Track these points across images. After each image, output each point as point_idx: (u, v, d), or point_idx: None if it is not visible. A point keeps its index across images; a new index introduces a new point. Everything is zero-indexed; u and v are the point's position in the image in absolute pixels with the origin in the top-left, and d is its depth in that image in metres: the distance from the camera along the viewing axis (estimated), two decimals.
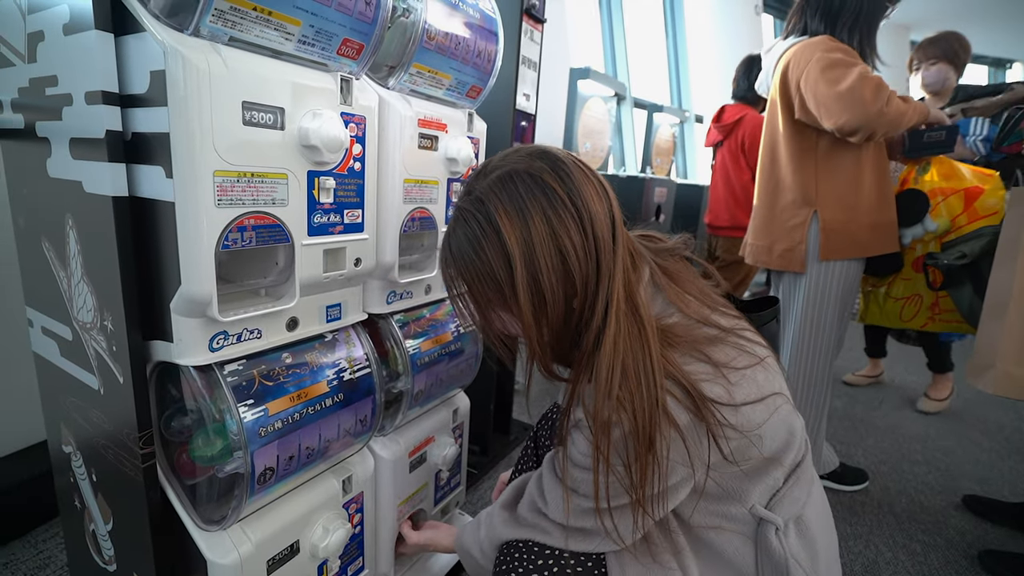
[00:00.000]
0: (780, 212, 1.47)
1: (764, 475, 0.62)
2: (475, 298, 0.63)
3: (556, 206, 0.57)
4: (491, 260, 0.58)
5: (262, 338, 0.69)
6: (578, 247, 0.57)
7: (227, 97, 0.55)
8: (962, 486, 1.70)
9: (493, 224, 0.57)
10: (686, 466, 0.57)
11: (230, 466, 0.64)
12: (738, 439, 0.58)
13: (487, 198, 0.58)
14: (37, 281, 0.75)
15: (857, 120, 1.26)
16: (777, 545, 0.60)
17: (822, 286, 1.45)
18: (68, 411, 0.77)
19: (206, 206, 0.56)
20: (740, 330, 0.63)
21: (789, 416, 0.63)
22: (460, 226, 0.61)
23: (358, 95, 0.71)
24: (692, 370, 0.57)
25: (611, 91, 2.79)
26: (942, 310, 1.53)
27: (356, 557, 0.90)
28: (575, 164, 0.60)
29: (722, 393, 0.57)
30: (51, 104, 0.62)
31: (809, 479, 0.66)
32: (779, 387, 0.63)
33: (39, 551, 1.16)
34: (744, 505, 0.62)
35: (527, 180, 0.58)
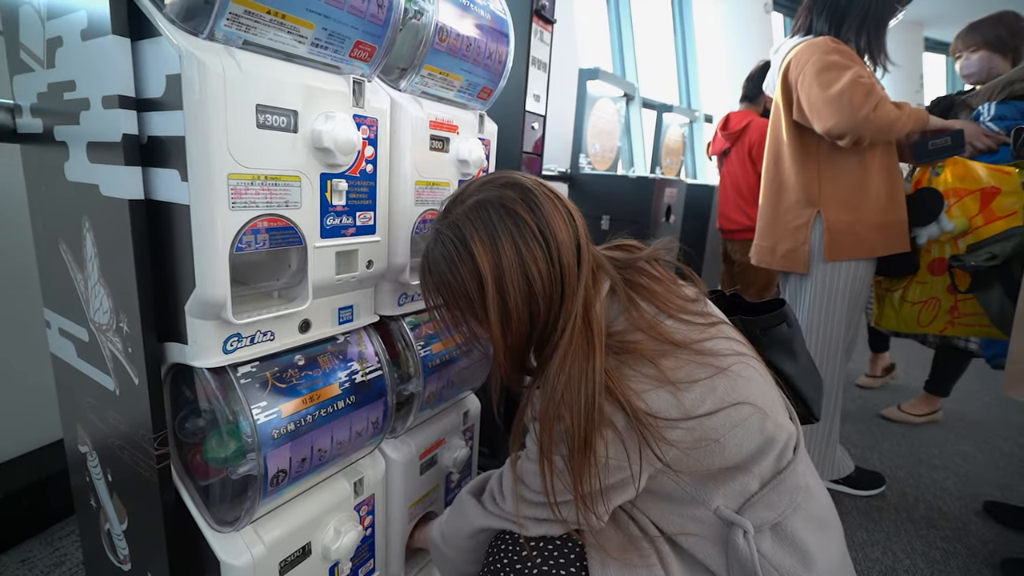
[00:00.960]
0: (784, 213, 1.47)
1: (728, 480, 0.64)
2: (449, 311, 0.70)
3: (525, 235, 0.62)
4: (465, 280, 0.64)
5: (275, 340, 0.69)
6: (544, 274, 0.62)
7: (241, 100, 0.56)
8: (983, 492, 1.66)
9: (468, 248, 0.63)
10: (625, 469, 0.61)
11: (243, 468, 0.65)
12: (689, 446, 0.61)
13: (463, 223, 0.64)
14: (55, 283, 0.76)
15: (844, 125, 1.26)
16: (744, 547, 0.61)
17: (828, 287, 1.43)
18: (84, 411, 0.78)
19: (221, 209, 0.56)
20: (702, 340, 0.64)
21: (765, 425, 0.63)
22: (438, 246, 0.66)
23: (370, 97, 0.71)
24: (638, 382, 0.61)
25: (620, 91, 2.78)
26: (961, 314, 1.49)
27: (367, 559, 0.90)
28: (544, 194, 0.65)
29: (665, 404, 0.60)
30: (69, 108, 0.63)
31: (797, 487, 0.64)
32: (749, 396, 0.62)
33: (55, 549, 1.17)
34: (708, 508, 0.64)
35: (499, 209, 0.63)
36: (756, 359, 0.68)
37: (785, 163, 1.46)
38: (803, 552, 0.63)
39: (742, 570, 0.62)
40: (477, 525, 0.76)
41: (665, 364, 0.61)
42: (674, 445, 0.60)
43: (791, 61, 1.37)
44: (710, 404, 0.61)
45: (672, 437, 0.60)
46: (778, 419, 0.65)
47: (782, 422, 0.66)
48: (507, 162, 1.40)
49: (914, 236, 1.48)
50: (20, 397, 1.30)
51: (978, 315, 1.47)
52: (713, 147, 2.58)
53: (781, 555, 0.62)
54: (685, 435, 0.60)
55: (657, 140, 3.15)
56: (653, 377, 0.61)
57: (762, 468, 0.64)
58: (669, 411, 0.60)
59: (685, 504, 0.66)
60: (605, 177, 2.49)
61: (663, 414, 0.60)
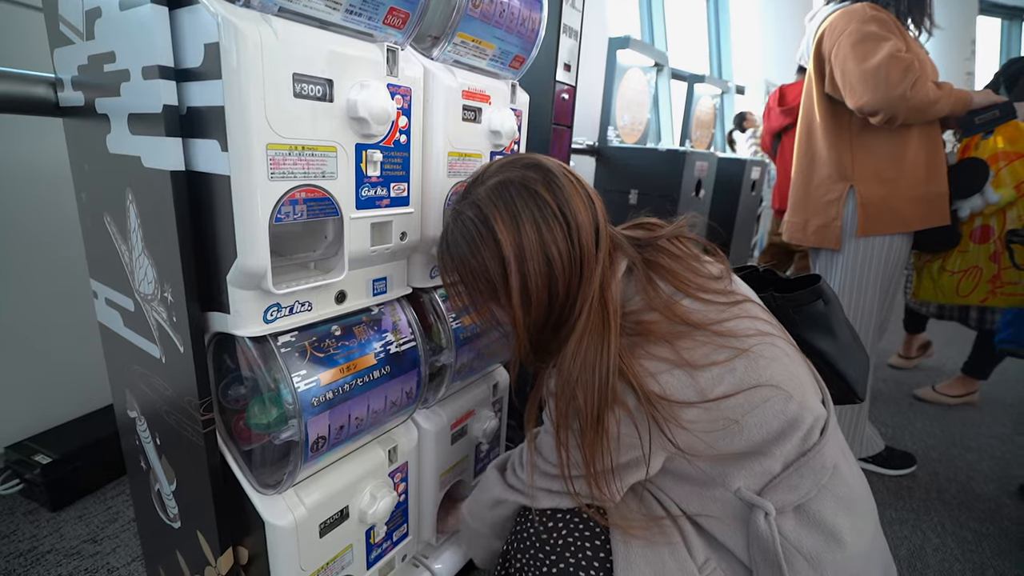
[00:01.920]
0: (815, 187, 1.42)
1: (749, 462, 0.63)
2: (468, 291, 0.70)
3: (547, 216, 0.62)
4: (486, 261, 0.64)
5: (312, 311, 0.70)
6: (564, 255, 0.63)
7: (278, 68, 0.55)
8: (1018, 475, 1.62)
9: (490, 229, 0.63)
10: (637, 448, 0.61)
11: (285, 434, 0.67)
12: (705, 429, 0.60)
13: (484, 204, 0.64)
14: (100, 254, 0.79)
15: (877, 102, 1.20)
16: (765, 528, 0.61)
17: (861, 263, 1.39)
18: (132, 378, 0.81)
19: (260, 179, 0.56)
20: (721, 320, 0.63)
21: (788, 407, 0.61)
22: (458, 227, 0.67)
23: (404, 66, 0.70)
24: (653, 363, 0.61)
25: (651, 61, 2.69)
26: (1004, 283, 1.43)
27: (401, 524, 0.92)
28: (565, 176, 0.65)
29: (680, 385, 0.60)
30: (109, 81, 0.64)
31: (823, 469, 0.63)
32: (771, 377, 0.61)
33: (108, 507, 1.24)
34: (728, 489, 0.64)
35: (521, 190, 0.63)
36: (783, 338, 0.66)
37: (817, 136, 1.41)
38: (830, 533, 0.62)
39: (762, 551, 0.62)
40: (496, 495, 0.79)
41: (681, 345, 0.61)
42: (687, 428, 0.60)
43: (826, 30, 1.30)
44: (727, 386, 0.60)
45: (687, 418, 0.60)
46: (805, 400, 0.63)
47: (810, 403, 0.64)
48: (538, 133, 1.37)
49: (955, 208, 1.41)
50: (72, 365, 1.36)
51: (1021, 284, 1.41)
52: (769, 123, 2.44)
53: (804, 536, 0.61)
54: (701, 415, 0.60)
55: (687, 112, 3.06)
56: (668, 358, 0.60)
57: (785, 450, 0.62)
58: (684, 392, 0.60)
59: (705, 486, 0.66)
60: (634, 150, 2.44)
61: (677, 396, 0.60)
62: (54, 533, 1.15)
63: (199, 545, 0.77)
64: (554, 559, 0.69)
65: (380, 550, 0.88)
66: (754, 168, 3.02)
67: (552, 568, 0.68)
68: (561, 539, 0.70)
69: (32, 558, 1.08)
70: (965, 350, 2.06)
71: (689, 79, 3.12)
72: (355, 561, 0.82)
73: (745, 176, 2.91)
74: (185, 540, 0.81)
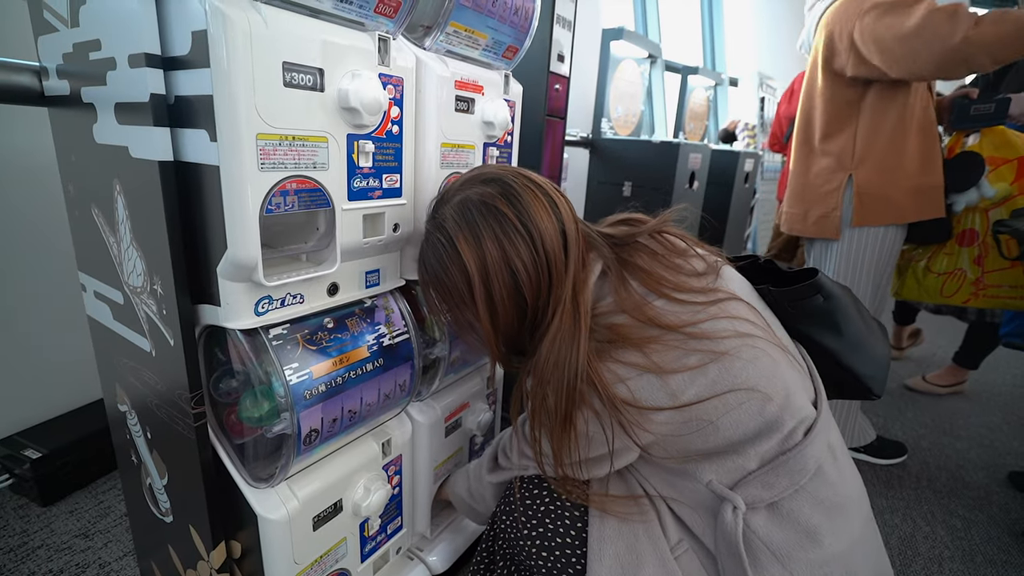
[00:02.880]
0: (814, 177, 1.41)
1: (721, 459, 0.63)
2: (444, 304, 0.73)
3: (507, 230, 0.64)
4: (455, 278, 0.67)
5: (304, 303, 0.70)
6: (528, 265, 0.64)
7: (268, 57, 0.55)
8: (1007, 463, 1.65)
9: (455, 247, 0.66)
10: (604, 445, 0.64)
11: (277, 427, 0.66)
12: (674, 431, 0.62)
13: (448, 224, 0.67)
14: (88, 246, 0.77)
15: (936, 59, 1.11)
16: (731, 521, 0.62)
17: (854, 254, 1.39)
18: (122, 372, 0.80)
19: (250, 170, 0.56)
20: (696, 322, 0.62)
21: (766, 408, 0.61)
22: (429, 246, 0.70)
23: (396, 55, 0.69)
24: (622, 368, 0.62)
25: (644, 52, 2.68)
26: (987, 286, 1.46)
27: (395, 516, 0.92)
28: (525, 187, 0.67)
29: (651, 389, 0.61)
30: (95, 69, 0.63)
31: (803, 470, 0.62)
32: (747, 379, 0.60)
33: (99, 501, 1.23)
34: (699, 481, 0.65)
35: (481, 207, 0.65)
36: (766, 338, 0.64)
37: (817, 125, 1.40)
38: (806, 531, 0.61)
39: (725, 543, 0.62)
40: (487, 481, 0.88)
41: (650, 349, 0.61)
42: (655, 433, 0.62)
43: (832, 16, 1.28)
44: (699, 389, 0.60)
45: (658, 421, 0.61)
46: (788, 401, 0.62)
47: (794, 404, 0.63)
48: (531, 125, 1.36)
49: (950, 203, 1.42)
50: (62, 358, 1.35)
51: (1004, 288, 1.44)
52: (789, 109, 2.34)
53: (775, 532, 0.61)
54: (672, 418, 0.61)
55: (681, 104, 3.05)
56: (637, 363, 0.61)
57: (762, 450, 0.62)
58: (655, 396, 0.61)
59: (678, 476, 0.68)
60: (627, 142, 2.43)
61: (648, 400, 0.61)
62: (45, 528, 1.14)
63: (191, 539, 0.77)
64: (535, 523, 0.74)
65: (374, 543, 0.88)
66: (747, 160, 3.02)
67: (532, 531, 0.74)
68: (543, 506, 0.75)
69: (22, 553, 1.07)
70: (955, 340, 2.09)
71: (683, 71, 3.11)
72: (349, 554, 0.82)
73: (739, 168, 2.92)
74: (177, 534, 0.80)
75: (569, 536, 0.72)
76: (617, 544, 0.68)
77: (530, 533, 0.74)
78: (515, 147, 1.00)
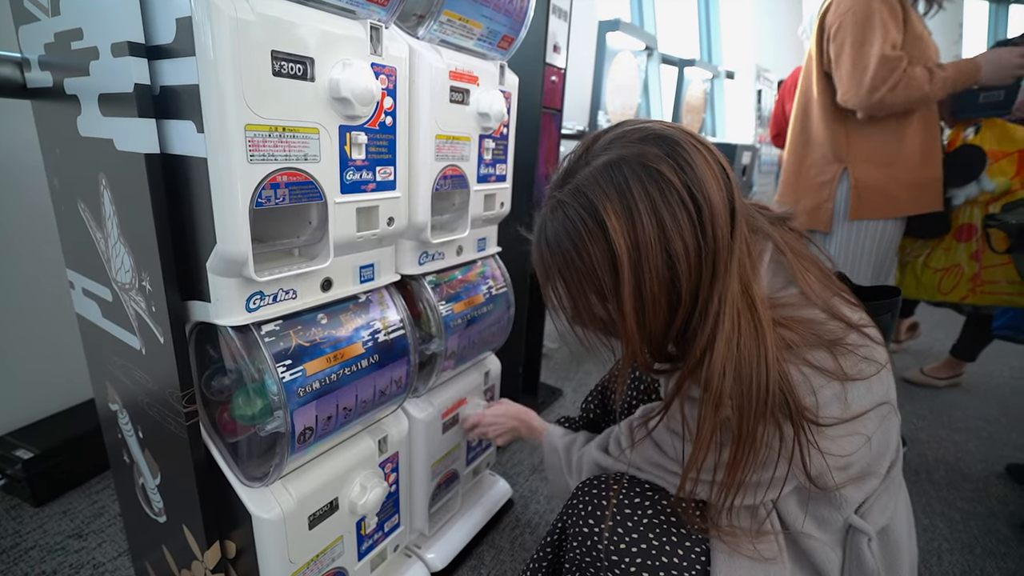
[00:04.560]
0: (808, 168, 1.41)
1: (864, 483, 0.59)
2: (571, 295, 0.59)
3: (672, 203, 0.50)
4: (595, 261, 0.53)
5: (297, 299, 0.68)
6: (691, 251, 0.51)
7: (256, 45, 0.53)
8: (1006, 455, 1.65)
9: (599, 221, 0.52)
10: (774, 468, 0.54)
11: (271, 425, 0.65)
12: (846, 449, 0.54)
13: (591, 190, 0.53)
14: (75, 243, 0.76)
15: (857, 102, 1.24)
16: (870, 557, 0.57)
17: (852, 247, 1.38)
18: (113, 370, 0.78)
19: (239, 162, 0.54)
20: (863, 325, 0.57)
21: (894, 420, 0.59)
22: (558, 219, 0.55)
23: (388, 45, 0.68)
24: (816, 375, 0.53)
25: (641, 44, 2.65)
26: (984, 282, 1.45)
27: (392, 514, 0.91)
28: (694, 147, 0.52)
29: (834, 398, 0.53)
30: (77, 59, 0.61)
31: (898, 484, 0.61)
32: (889, 390, 0.58)
33: (93, 501, 1.22)
34: (842, 513, 0.59)
35: (639, 170, 0.51)
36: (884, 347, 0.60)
37: (813, 115, 1.40)
38: (898, 555, 0.59)
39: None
40: (593, 458, 0.77)
41: (837, 351, 0.53)
42: (830, 453, 0.53)
43: (832, 4, 1.28)
44: (862, 400, 0.54)
45: (830, 437, 0.53)
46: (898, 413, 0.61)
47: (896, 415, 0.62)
48: (527, 117, 1.35)
49: (949, 196, 1.41)
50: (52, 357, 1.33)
51: (1001, 283, 1.43)
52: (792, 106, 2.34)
53: (883, 562, 0.59)
54: (840, 432, 0.53)
55: (678, 97, 3.03)
56: (828, 368, 0.52)
57: (883, 467, 0.59)
58: (831, 407, 0.53)
59: (820, 504, 0.60)
60: None
61: (826, 414, 0.52)
62: (38, 529, 1.13)
63: (185, 539, 0.76)
64: (635, 537, 0.62)
65: (371, 541, 0.87)
66: (744, 153, 3.01)
67: (633, 546, 0.61)
68: (646, 518, 0.63)
69: (15, 555, 1.06)
70: (952, 333, 2.08)
71: (679, 64, 3.09)
72: (346, 552, 0.81)
73: (736, 161, 2.91)
74: (171, 534, 0.79)
75: (686, 561, 0.60)
76: None
77: (628, 549, 0.61)
78: (511, 139, 0.99)
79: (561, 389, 1.92)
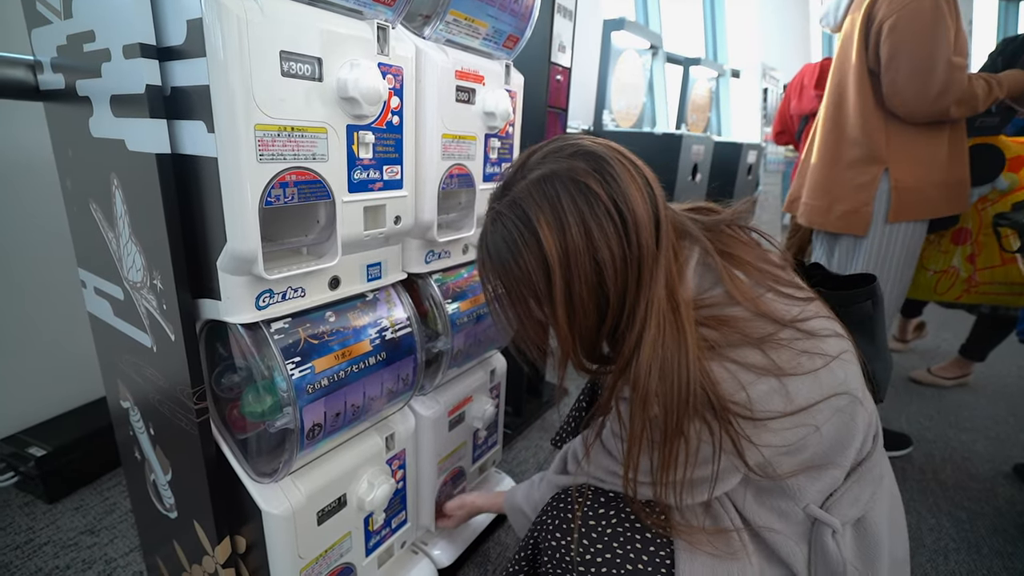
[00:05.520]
0: (844, 169, 1.32)
1: (821, 473, 0.59)
2: (510, 300, 0.62)
3: (599, 214, 0.54)
4: (529, 269, 0.57)
5: (306, 296, 0.69)
6: (616, 257, 0.55)
7: (265, 46, 0.54)
8: (1013, 455, 1.63)
9: (533, 232, 0.56)
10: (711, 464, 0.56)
11: (280, 422, 0.66)
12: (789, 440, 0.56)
13: (526, 203, 0.56)
14: (87, 242, 0.77)
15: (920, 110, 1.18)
16: (834, 549, 0.58)
17: (885, 251, 1.32)
18: (124, 368, 0.79)
19: (248, 161, 0.55)
20: (804, 319, 0.57)
21: (856, 412, 0.58)
22: (498, 229, 0.59)
23: (395, 45, 0.68)
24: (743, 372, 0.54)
25: (646, 43, 2.65)
26: (978, 283, 1.46)
27: (399, 511, 0.92)
28: (619, 162, 0.57)
29: (769, 394, 0.54)
30: (90, 61, 0.62)
31: (876, 477, 0.61)
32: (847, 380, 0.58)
33: (105, 498, 1.23)
34: (798, 504, 0.60)
35: (568, 184, 0.55)
36: (848, 338, 0.62)
37: (849, 112, 1.30)
38: (876, 548, 0.59)
39: (827, 571, 0.58)
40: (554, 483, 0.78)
41: (768, 347, 0.55)
42: (765, 448, 0.55)
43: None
44: (811, 392, 0.55)
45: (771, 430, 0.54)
46: (867, 404, 0.60)
47: (870, 407, 0.61)
48: (532, 116, 1.35)
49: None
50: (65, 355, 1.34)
51: (995, 284, 1.44)
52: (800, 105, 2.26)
53: (855, 553, 0.59)
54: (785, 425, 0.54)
55: (683, 95, 3.03)
56: (757, 364, 0.54)
57: (850, 458, 0.59)
58: (772, 402, 0.54)
59: (774, 496, 0.61)
60: (629, 134, 2.41)
61: (764, 408, 0.54)
62: (51, 525, 1.14)
63: (196, 535, 0.77)
64: (600, 547, 0.64)
65: (379, 537, 0.88)
66: (750, 152, 3.00)
67: (598, 556, 0.63)
68: (611, 527, 0.65)
69: (29, 550, 1.07)
70: (960, 333, 2.07)
71: (684, 62, 3.09)
72: (354, 548, 0.82)
73: (741, 160, 2.90)
74: (182, 530, 0.80)
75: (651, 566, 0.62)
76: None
77: (594, 559, 0.63)
78: (517, 139, 0.99)
79: (566, 388, 1.92)
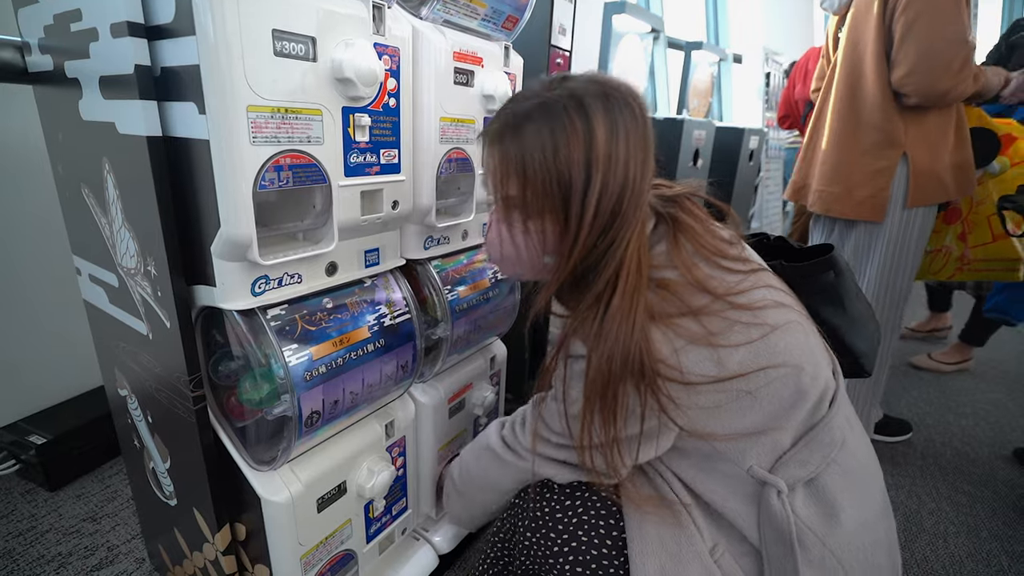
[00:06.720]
0: (861, 155, 1.28)
1: (761, 437, 0.60)
2: (523, 202, 0.59)
3: (637, 136, 0.56)
4: (570, 163, 0.55)
5: (302, 283, 0.68)
6: (637, 181, 0.56)
7: (257, 24, 0.52)
8: (1012, 439, 1.64)
9: (589, 126, 0.55)
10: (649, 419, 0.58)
11: (278, 409, 0.65)
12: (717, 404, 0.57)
13: (587, 100, 0.55)
14: (81, 229, 0.76)
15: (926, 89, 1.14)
16: (779, 507, 0.59)
17: (904, 236, 1.29)
18: (121, 356, 0.79)
19: (242, 143, 0.53)
20: (741, 291, 0.59)
21: (800, 379, 0.59)
22: (543, 116, 0.56)
23: (391, 24, 0.67)
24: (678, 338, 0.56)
25: (647, 27, 2.61)
26: (971, 260, 1.47)
27: (400, 498, 0.92)
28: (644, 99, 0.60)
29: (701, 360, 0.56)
30: (77, 41, 0.60)
31: (832, 442, 0.61)
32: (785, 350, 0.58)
33: (106, 485, 1.24)
34: (740, 466, 0.61)
35: (619, 100, 0.56)
36: (798, 309, 0.64)
37: (866, 98, 1.26)
38: (832, 506, 0.60)
39: (775, 531, 0.59)
40: (490, 444, 0.78)
41: (703, 316, 0.57)
42: (693, 408, 0.57)
43: None
44: (743, 360, 0.57)
45: (700, 392, 0.57)
46: (817, 372, 0.61)
47: (821, 375, 0.61)
48: None
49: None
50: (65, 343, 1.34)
51: (988, 260, 1.45)
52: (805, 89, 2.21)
53: (812, 512, 0.60)
54: (715, 390, 0.57)
55: (684, 80, 2.98)
56: (693, 333, 0.56)
57: (795, 423, 0.60)
58: (703, 367, 0.56)
59: (716, 461, 0.63)
60: None
61: (694, 373, 0.56)
62: (53, 512, 1.15)
63: (196, 522, 0.76)
64: (567, 538, 0.67)
65: (379, 524, 0.88)
66: (752, 137, 2.97)
67: (564, 546, 0.66)
68: (576, 517, 0.68)
69: (31, 537, 1.08)
70: (960, 319, 2.07)
71: (686, 47, 3.04)
72: (354, 535, 0.82)
73: (743, 145, 2.87)
74: (182, 517, 0.80)
75: (605, 547, 0.65)
76: (658, 552, 0.62)
77: (562, 549, 0.67)
78: None
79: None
